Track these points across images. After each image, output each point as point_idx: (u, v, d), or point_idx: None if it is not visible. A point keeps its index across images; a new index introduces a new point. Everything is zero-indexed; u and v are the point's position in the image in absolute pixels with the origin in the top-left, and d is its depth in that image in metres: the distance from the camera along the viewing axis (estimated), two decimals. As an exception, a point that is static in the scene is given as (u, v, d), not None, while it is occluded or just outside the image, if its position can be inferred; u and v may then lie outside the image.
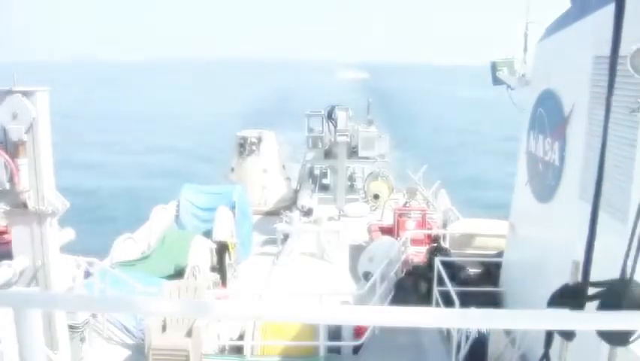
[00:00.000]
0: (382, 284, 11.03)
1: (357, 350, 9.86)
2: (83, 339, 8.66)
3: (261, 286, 12.58)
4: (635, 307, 2.34)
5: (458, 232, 13.51)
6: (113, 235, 13.02)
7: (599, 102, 6.35)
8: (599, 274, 2.55)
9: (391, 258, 12.02)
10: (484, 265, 11.81)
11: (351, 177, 22.14)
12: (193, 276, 10.88)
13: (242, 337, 9.83)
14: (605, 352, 2.65)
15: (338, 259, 14.54)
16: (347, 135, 19.03)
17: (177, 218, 15.13)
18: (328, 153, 19.69)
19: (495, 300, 10.50)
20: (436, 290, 10.57)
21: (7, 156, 6.82)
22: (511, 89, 11.17)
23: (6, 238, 8.68)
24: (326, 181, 21.83)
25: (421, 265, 12.62)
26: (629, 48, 4.98)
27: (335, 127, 19.14)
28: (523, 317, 2.04)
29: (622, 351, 2.56)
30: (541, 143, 8.77)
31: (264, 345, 9.70)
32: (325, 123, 19.52)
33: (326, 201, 19.16)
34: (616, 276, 2.44)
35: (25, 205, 7.01)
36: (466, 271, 11.72)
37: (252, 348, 9.62)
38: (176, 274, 11.66)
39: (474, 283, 11.05)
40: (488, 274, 11.40)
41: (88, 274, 10.07)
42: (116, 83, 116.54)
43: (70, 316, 8.00)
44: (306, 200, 18.15)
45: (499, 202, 15.64)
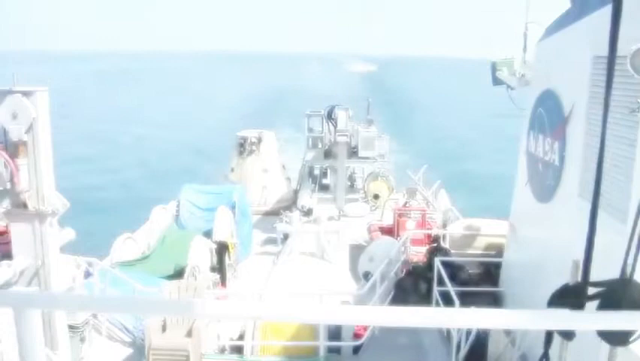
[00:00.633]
0: (382, 284, 11.03)
1: (357, 350, 9.86)
2: (82, 339, 8.67)
3: (261, 286, 12.59)
4: (635, 307, 2.34)
5: (458, 232, 13.51)
6: (113, 235, 13.03)
7: (598, 102, 6.35)
8: (599, 274, 2.54)
9: (391, 258, 12.02)
10: (484, 265, 11.81)
11: (351, 177, 22.14)
12: (193, 276, 10.89)
13: (242, 337, 9.83)
14: (605, 352, 2.65)
15: (338, 259, 14.55)
16: (347, 135, 19.04)
17: (177, 218, 15.14)
18: (328, 153, 19.71)
19: (495, 300, 10.51)
20: (436, 290, 10.56)
21: (7, 156, 6.82)
22: (511, 89, 11.17)
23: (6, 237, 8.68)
24: (326, 181, 21.83)
25: (420, 265, 12.63)
26: (628, 48, 4.97)
27: (335, 127, 19.16)
28: (523, 317, 2.04)
29: (622, 351, 2.56)
30: (541, 143, 8.78)
31: (264, 345, 9.70)
32: (325, 123, 19.54)
33: (326, 201, 19.16)
34: (616, 276, 2.43)
35: (25, 205, 7.01)
36: (466, 271, 11.72)
37: (252, 348, 9.62)
38: (176, 274, 11.66)
39: (474, 283, 11.05)
40: (488, 274, 11.40)
41: (88, 274, 10.07)
42: (116, 81, 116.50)
43: (70, 316, 8.00)
44: (306, 200, 18.15)
45: (499, 202, 15.63)
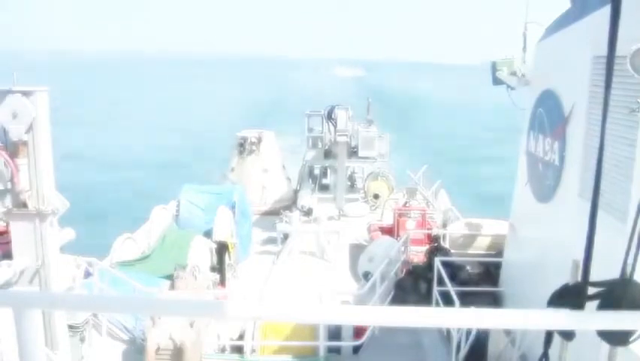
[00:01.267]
0: (382, 284, 11.03)
1: (357, 350, 9.86)
2: (82, 339, 8.66)
3: (261, 286, 12.59)
4: (635, 307, 2.34)
5: (458, 232, 13.51)
6: (113, 235, 13.03)
7: (598, 102, 6.35)
8: (599, 274, 2.54)
9: (391, 258, 12.02)
10: (484, 265, 11.81)
11: (351, 177, 22.13)
12: (193, 276, 10.88)
13: (242, 337, 9.84)
14: (605, 352, 2.64)
15: (338, 259, 14.54)
16: (347, 135, 19.03)
17: (177, 218, 15.13)
18: (328, 153, 19.70)
19: (495, 300, 10.51)
20: (435, 290, 10.57)
21: (7, 156, 6.82)
22: (511, 89, 11.17)
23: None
24: (326, 181, 21.83)
25: (420, 265, 12.62)
26: (628, 48, 4.97)
27: (335, 127, 19.15)
28: (523, 317, 2.04)
29: (622, 351, 2.56)
30: (541, 143, 8.78)
31: (264, 345, 9.70)
32: (325, 123, 19.54)
33: (326, 201, 19.15)
34: (616, 276, 2.43)
35: (25, 205, 7.01)
36: (466, 271, 11.72)
37: (252, 348, 9.62)
38: (176, 274, 11.66)
39: (474, 283, 11.05)
40: (488, 274, 11.41)
41: (88, 274, 10.07)
42: (116, 82, 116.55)
43: (70, 316, 7.99)
44: (306, 200, 18.14)
45: (499, 202, 15.64)
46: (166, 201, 15.85)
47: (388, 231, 15.59)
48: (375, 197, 19.72)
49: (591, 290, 2.52)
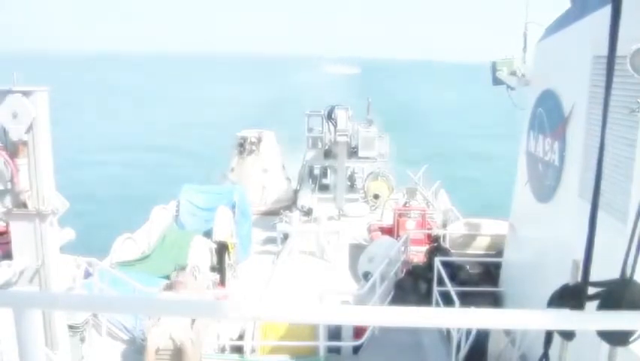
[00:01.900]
0: (382, 284, 11.03)
1: (357, 350, 9.86)
2: (82, 339, 8.66)
3: (261, 286, 12.59)
4: (635, 307, 2.34)
5: (458, 232, 13.51)
6: (113, 235, 13.03)
7: (598, 102, 6.35)
8: (599, 274, 2.55)
9: (391, 258, 12.02)
10: (484, 265, 11.81)
11: (351, 177, 22.15)
12: (193, 276, 10.87)
13: (242, 337, 9.84)
14: (605, 352, 2.64)
15: (338, 259, 14.54)
16: (347, 135, 19.03)
17: (177, 218, 15.14)
18: (328, 153, 19.71)
19: (495, 300, 10.51)
20: (435, 290, 10.57)
21: (7, 156, 6.82)
22: (511, 89, 11.17)
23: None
24: (326, 181, 21.84)
25: (420, 265, 12.62)
26: (628, 48, 4.97)
27: (335, 127, 19.15)
28: (523, 317, 2.04)
29: (622, 351, 2.56)
30: (541, 143, 8.78)
31: (264, 345, 9.71)
32: (325, 123, 19.54)
33: (326, 201, 19.16)
34: (616, 276, 2.43)
35: (25, 205, 7.00)
36: (466, 271, 11.72)
37: (252, 348, 9.62)
38: (176, 274, 11.65)
39: (474, 283, 11.05)
40: (488, 274, 11.41)
41: (88, 274, 10.07)
42: (116, 82, 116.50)
43: (70, 316, 7.99)
44: (306, 200, 18.15)
45: (499, 202, 15.64)
46: (166, 201, 15.85)
47: (388, 231, 15.59)
48: (375, 197, 19.73)
49: (591, 290, 2.53)
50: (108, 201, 30.70)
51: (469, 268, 11.89)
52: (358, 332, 9.83)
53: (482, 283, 11.09)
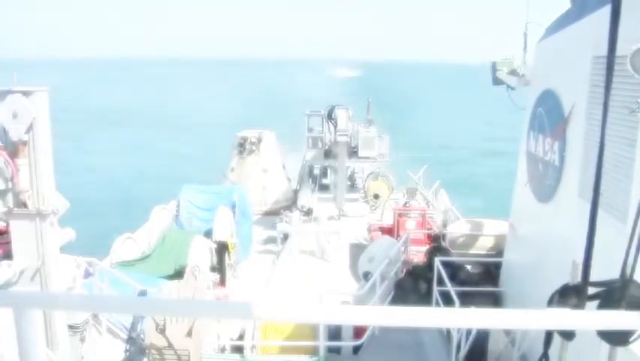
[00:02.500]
0: (382, 284, 11.02)
1: (357, 350, 9.86)
2: (82, 339, 8.65)
3: (261, 286, 12.59)
4: (635, 307, 2.34)
5: (458, 232, 13.51)
6: (113, 235, 13.03)
7: (598, 102, 6.35)
8: (599, 274, 2.55)
9: (391, 258, 12.02)
10: (484, 265, 11.80)
11: (351, 177, 22.15)
12: (193, 276, 10.87)
13: (242, 337, 9.84)
14: (605, 352, 2.64)
15: (338, 259, 14.54)
16: (347, 135, 19.03)
17: (177, 218, 15.15)
18: (328, 153, 19.71)
19: (495, 300, 10.51)
20: (435, 290, 10.56)
21: (7, 156, 6.82)
22: (511, 89, 11.17)
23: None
24: (326, 181, 21.85)
25: (421, 265, 12.62)
26: (628, 48, 4.97)
27: (335, 127, 19.15)
28: (523, 317, 2.04)
29: (622, 351, 2.56)
30: (541, 143, 8.78)
31: (264, 345, 9.70)
32: (325, 123, 19.55)
33: (326, 201, 19.16)
34: (616, 276, 2.43)
35: (25, 205, 7.01)
36: (466, 271, 11.72)
37: (252, 348, 9.62)
38: (176, 274, 11.66)
39: (474, 283, 11.04)
40: (488, 274, 11.41)
41: (88, 274, 10.06)
42: (116, 83, 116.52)
43: (70, 316, 7.99)
44: (306, 200, 18.15)
45: (499, 202, 15.64)
46: (166, 201, 15.86)
47: (388, 231, 15.59)
48: (375, 197, 19.73)
49: (591, 290, 2.53)
50: (108, 202, 30.70)
51: (469, 268, 11.89)
52: (358, 332, 9.83)
53: (482, 283, 11.08)
